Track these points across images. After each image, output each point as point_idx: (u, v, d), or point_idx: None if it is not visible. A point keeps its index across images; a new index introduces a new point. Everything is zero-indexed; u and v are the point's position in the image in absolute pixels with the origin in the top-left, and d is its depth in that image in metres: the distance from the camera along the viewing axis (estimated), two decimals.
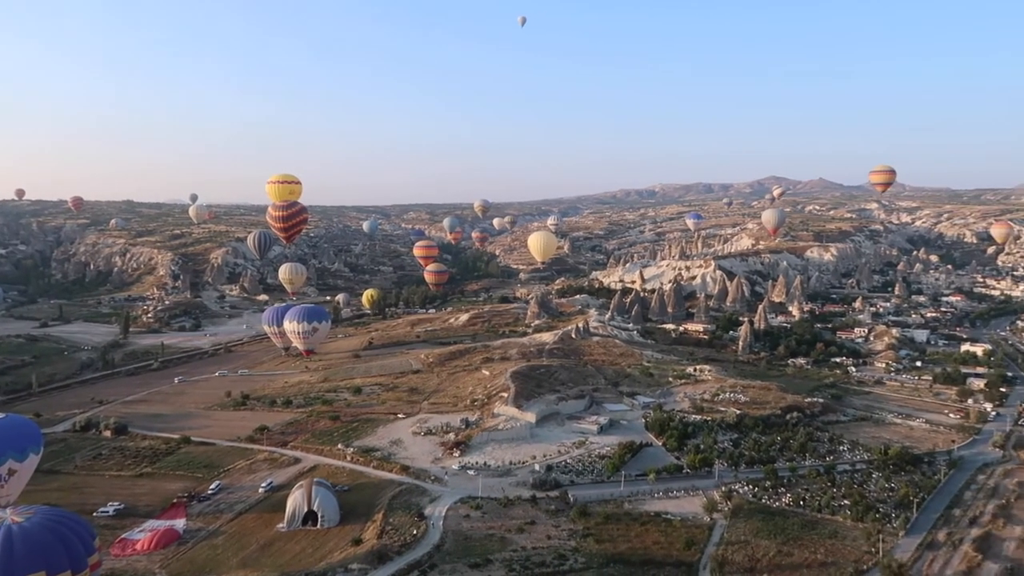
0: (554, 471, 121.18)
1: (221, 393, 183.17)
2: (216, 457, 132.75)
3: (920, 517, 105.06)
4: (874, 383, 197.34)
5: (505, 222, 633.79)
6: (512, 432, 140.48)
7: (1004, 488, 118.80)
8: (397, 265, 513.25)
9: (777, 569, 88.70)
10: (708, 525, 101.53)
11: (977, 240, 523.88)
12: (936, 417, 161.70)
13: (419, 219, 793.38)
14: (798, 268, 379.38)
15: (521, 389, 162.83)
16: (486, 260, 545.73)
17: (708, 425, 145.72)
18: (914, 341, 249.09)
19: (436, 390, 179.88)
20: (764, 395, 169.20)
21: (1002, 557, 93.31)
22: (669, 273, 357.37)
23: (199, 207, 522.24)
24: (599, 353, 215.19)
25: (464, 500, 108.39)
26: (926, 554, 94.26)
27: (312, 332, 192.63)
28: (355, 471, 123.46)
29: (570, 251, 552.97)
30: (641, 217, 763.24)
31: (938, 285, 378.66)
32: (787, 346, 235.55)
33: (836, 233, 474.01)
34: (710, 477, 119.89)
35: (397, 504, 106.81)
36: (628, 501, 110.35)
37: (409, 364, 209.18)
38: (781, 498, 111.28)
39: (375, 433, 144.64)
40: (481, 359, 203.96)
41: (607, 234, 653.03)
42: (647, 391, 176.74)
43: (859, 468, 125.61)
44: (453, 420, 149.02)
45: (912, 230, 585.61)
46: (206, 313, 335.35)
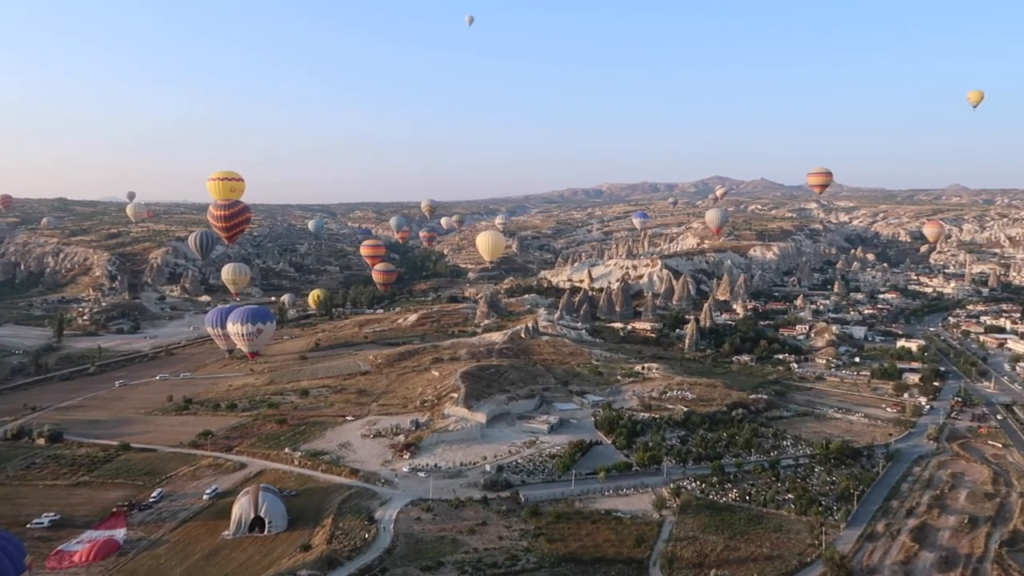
0: (505, 471, 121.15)
1: (162, 397, 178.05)
2: (157, 464, 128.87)
3: (860, 509, 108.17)
4: (815, 379, 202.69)
5: (453, 221, 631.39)
6: (463, 433, 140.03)
7: (938, 479, 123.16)
8: (344, 265, 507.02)
9: (725, 564, 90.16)
10: (657, 522, 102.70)
11: (911, 239, 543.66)
12: (874, 411, 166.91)
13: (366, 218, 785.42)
14: (742, 267, 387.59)
15: (471, 389, 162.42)
16: (434, 259, 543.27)
17: (656, 423, 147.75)
18: (852, 337, 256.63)
19: (385, 391, 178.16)
20: (710, 392, 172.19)
21: (937, 546, 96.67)
22: (617, 272, 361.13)
23: (137, 205, 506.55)
24: (549, 352, 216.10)
25: (415, 502, 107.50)
26: (866, 545, 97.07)
27: (257, 334, 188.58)
28: (303, 475, 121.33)
29: (518, 250, 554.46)
30: (589, 216, 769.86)
31: (875, 283, 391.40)
32: (732, 343, 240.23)
33: (778, 232, 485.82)
34: (659, 474, 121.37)
35: (347, 508, 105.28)
36: (579, 500, 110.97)
37: (357, 365, 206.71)
38: (728, 494, 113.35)
39: (323, 436, 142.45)
40: (431, 360, 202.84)
41: (555, 233, 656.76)
42: (596, 390, 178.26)
43: (802, 463, 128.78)
44: (403, 422, 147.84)
45: (850, 229, 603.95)
46: (145, 315, 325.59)
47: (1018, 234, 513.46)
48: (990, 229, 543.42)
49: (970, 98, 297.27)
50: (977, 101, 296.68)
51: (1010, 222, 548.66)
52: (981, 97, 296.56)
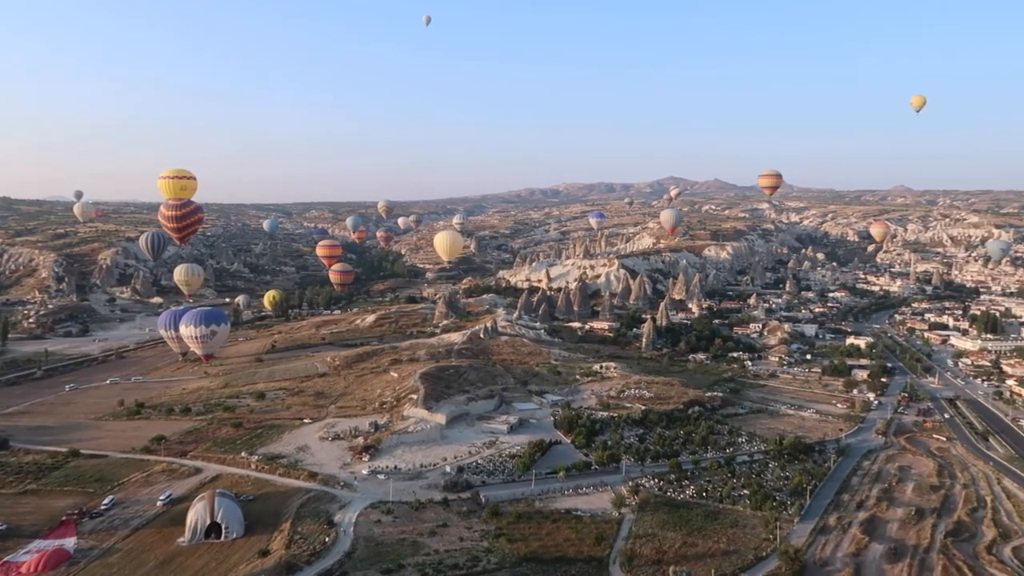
0: (465, 472, 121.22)
1: (113, 402, 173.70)
2: (109, 470, 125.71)
3: (813, 503, 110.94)
4: (768, 376, 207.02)
5: (410, 221, 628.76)
6: (422, 434, 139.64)
7: (887, 473, 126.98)
8: (300, 265, 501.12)
9: (683, 560, 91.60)
10: (617, 520, 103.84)
11: (858, 238, 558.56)
12: (825, 407, 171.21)
13: (322, 218, 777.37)
14: (697, 266, 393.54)
15: (430, 390, 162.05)
16: (392, 260, 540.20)
17: (615, 421, 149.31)
18: (804, 335, 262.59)
19: (343, 393, 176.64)
20: (667, 391, 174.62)
21: (886, 538, 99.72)
22: (574, 272, 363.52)
23: (85, 204, 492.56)
24: (508, 352, 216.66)
25: (375, 505, 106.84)
26: (819, 538, 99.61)
27: (211, 336, 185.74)
28: (260, 480, 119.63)
29: (476, 250, 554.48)
30: (546, 216, 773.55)
31: (825, 281, 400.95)
32: (688, 342, 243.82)
33: (731, 232, 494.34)
34: (618, 473, 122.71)
35: (305, 512, 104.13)
36: (539, 499, 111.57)
37: (315, 367, 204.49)
38: (685, 490, 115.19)
39: (280, 439, 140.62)
40: (389, 361, 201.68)
41: (513, 233, 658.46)
42: (555, 389, 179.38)
43: (757, 459, 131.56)
44: (362, 424, 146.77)
45: (800, 229, 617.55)
46: (95, 317, 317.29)
47: (959, 234, 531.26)
48: (933, 229, 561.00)
49: (913, 103, 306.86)
50: (920, 106, 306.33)
51: (952, 222, 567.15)
52: (923, 102, 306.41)
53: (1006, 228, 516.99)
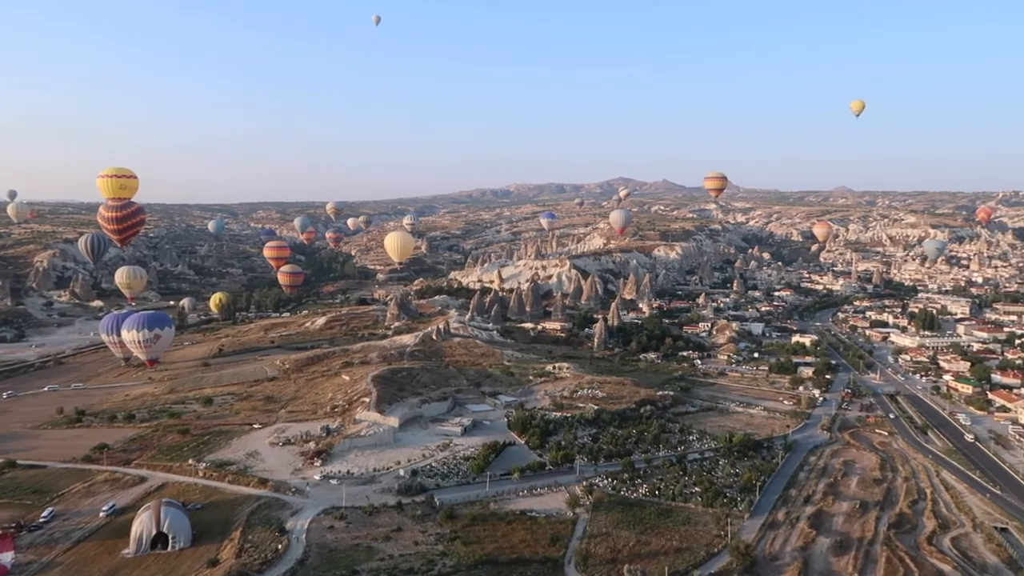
0: (419, 475, 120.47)
1: (52, 410, 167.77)
2: (48, 481, 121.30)
3: (762, 499, 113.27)
4: (718, 375, 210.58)
5: (360, 222, 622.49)
6: (375, 438, 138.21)
7: (832, 467, 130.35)
8: (247, 267, 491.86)
9: (637, 558, 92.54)
10: (571, 520, 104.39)
11: (802, 238, 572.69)
12: (773, 404, 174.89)
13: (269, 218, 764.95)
14: (647, 266, 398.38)
15: (383, 393, 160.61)
16: (342, 261, 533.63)
17: (568, 421, 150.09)
18: (751, 334, 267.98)
19: (294, 397, 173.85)
20: (619, 390, 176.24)
21: (832, 531, 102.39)
22: (526, 272, 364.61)
23: (19, 205, 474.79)
24: (460, 354, 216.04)
25: (327, 511, 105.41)
26: (768, 533, 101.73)
27: (154, 340, 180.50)
28: (208, 487, 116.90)
29: (428, 251, 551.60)
30: (497, 217, 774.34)
31: (770, 281, 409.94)
32: (639, 341, 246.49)
33: (680, 232, 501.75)
34: (572, 472, 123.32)
35: (256, 520, 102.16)
36: (494, 501, 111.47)
37: (264, 371, 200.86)
38: (638, 489, 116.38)
39: (229, 446, 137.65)
40: (340, 364, 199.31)
41: (464, 234, 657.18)
42: (509, 390, 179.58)
43: (707, 456, 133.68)
44: (313, 428, 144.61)
45: (747, 229, 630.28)
46: (31, 322, 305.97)
47: (898, 234, 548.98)
48: (873, 229, 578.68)
49: (853, 107, 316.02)
50: (859, 110, 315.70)
51: (891, 223, 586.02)
52: (863, 106, 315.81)
53: (941, 228, 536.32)
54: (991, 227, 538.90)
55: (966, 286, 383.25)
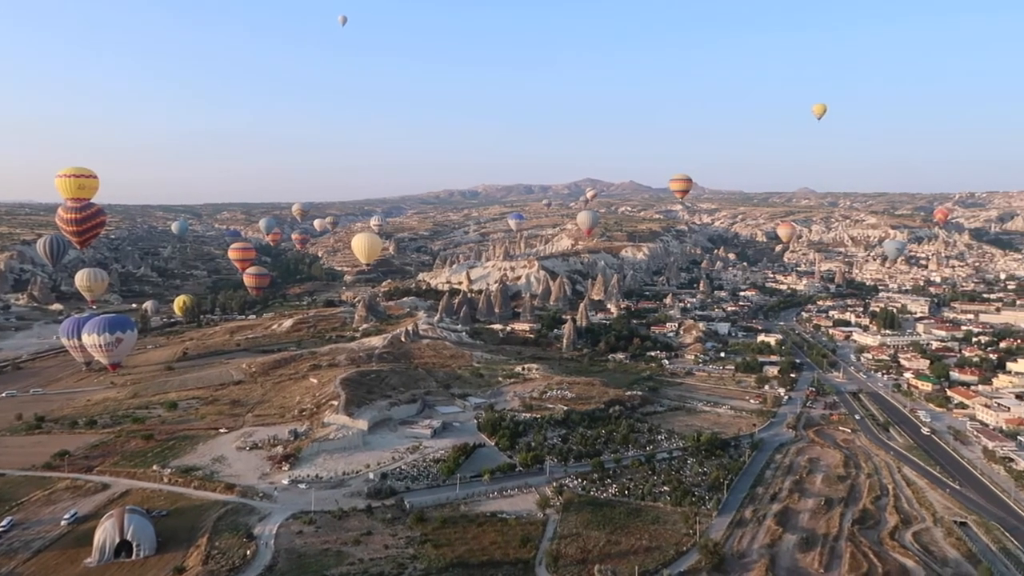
0: (389, 478, 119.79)
1: (10, 416, 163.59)
2: (7, 489, 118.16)
3: (730, 497, 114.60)
4: (685, 374, 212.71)
5: (326, 223, 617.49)
6: (344, 441, 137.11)
7: (797, 465, 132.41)
8: (212, 269, 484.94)
9: (607, 558, 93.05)
10: (542, 521, 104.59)
11: (767, 239, 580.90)
12: (739, 403, 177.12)
13: (234, 219, 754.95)
14: (614, 267, 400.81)
15: (352, 396, 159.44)
16: (308, 262, 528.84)
17: (538, 423, 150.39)
18: (718, 334, 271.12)
19: (261, 401, 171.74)
20: (588, 390, 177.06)
21: (798, 528, 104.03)
22: (495, 274, 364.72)
23: None
24: (429, 356, 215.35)
25: (296, 516, 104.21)
26: (736, 531, 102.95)
27: (116, 344, 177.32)
28: (174, 493, 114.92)
29: (396, 252, 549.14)
30: (465, 218, 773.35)
31: (736, 281, 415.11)
32: (607, 342, 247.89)
33: (647, 233, 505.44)
34: (542, 473, 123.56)
35: (223, 526, 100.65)
36: (464, 503, 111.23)
37: (230, 375, 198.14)
38: (608, 489, 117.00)
39: (195, 451, 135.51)
40: (308, 366, 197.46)
41: (432, 235, 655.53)
42: (478, 392, 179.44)
43: (676, 455, 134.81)
44: (281, 432, 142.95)
45: (712, 230, 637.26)
46: None
47: (859, 234, 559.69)
48: (835, 230, 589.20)
49: (815, 111, 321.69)
50: (821, 113, 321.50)
51: (852, 223, 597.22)
52: (824, 110, 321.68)
53: (901, 229, 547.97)
54: (948, 228, 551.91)
55: (925, 285, 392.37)
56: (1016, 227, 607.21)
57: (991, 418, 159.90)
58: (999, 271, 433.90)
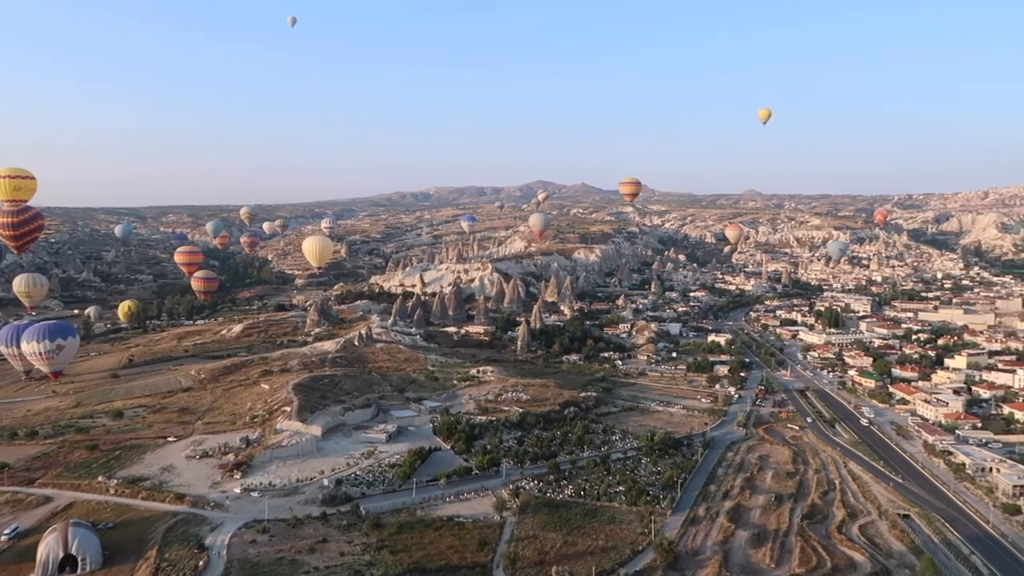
0: (344, 484, 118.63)
1: None
2: None
3: (684, 496, 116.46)
4: (638, 375, 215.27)
5: (276, 226, 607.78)
6: (297, 448, 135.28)
7: (748, 463, 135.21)
8: (158, 273, 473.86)
9: (564, 559, 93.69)
10: (499, 524, 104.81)
11: (715, 240, 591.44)
12: (691, 403, 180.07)
13: (180, 222, 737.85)
14: (567, 269, 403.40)
15: (304, 402, 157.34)
16: (258, 266, 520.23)
17: (493, 425, 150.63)
18: (669, 334, 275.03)
19: (211, 408, 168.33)
20: (543, 392, 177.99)
21: (750, 524, 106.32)
22: (449, 276, 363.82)
23: None
24: (383, 360, 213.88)
25: (249, 525, 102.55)
26: (690, 529, 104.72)
27: (57, 351, 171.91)
28: (121, 505, 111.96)
29: (347, 255, 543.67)
30: (418, 220, 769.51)
31: (686, 282, 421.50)
32: (561, 343, 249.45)
33: (599, 235, 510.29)
34: (498, 476, 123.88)
35: (173, 537, 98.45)
36: (421, 508, 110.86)
37: (178, 382, 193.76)
38: (564, 490, 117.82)
39: (142, 460, 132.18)
40: (259, 372, 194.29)
41: (385, 237, 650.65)
42: (433, 395, 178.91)
43: (630, 455, 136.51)
44: (232, 439, 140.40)
45: (663, 232, 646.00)
46: None
47: (804, 236, 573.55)
48: (781, 231, 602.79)
49: (760, 115, 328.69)
50: (766, 118, 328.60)
51: (797, 225, 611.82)
52: (769, 114, 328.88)
53: (843, 230, 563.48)
54: (888, 229, 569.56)
55: (867, 285, 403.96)
56: (951, 228, 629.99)
57: (931, 413, 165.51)
58: (936, 270, 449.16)
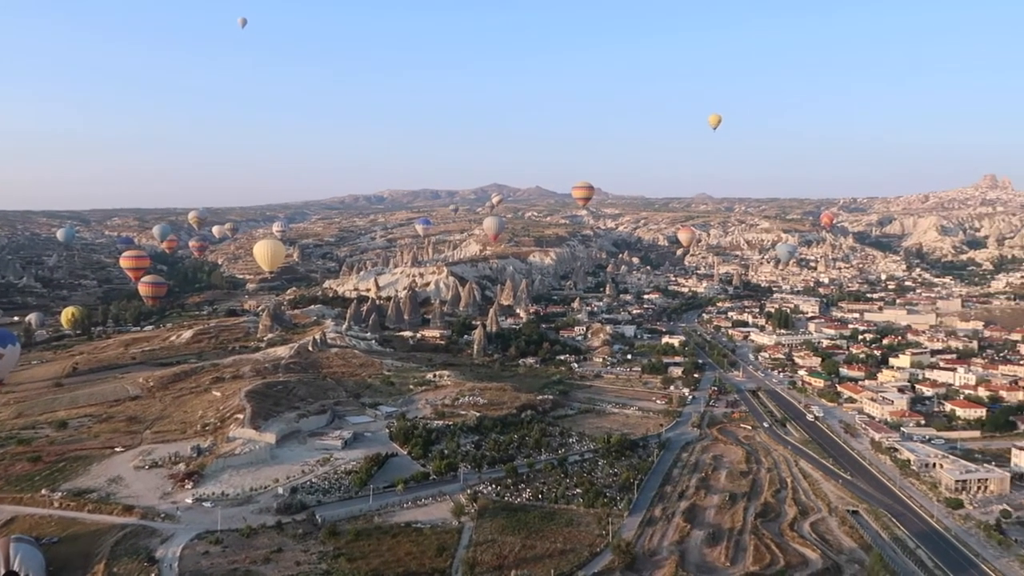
0: (299, 492, 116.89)
1: None
2: None
3: (640, 497, 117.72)
4: (594, 377, 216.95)
5: (226, 229, 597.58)
6: (251, 456, 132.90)
7: (703, 463, 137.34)
8: (103, 278, 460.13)
9: (523, 563, 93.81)
10: (457, 529, 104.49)
11: (668, 243, 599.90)
12: (646, 404, 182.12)
13: (126, 226, 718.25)
14: (523, 272, 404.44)
15: (258, 409, 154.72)
16: (208, 270, 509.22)
17: (450, 430, 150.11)
18: (624, 336, 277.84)
19: (160, 417, 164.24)
20: (500, 396, 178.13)
21: (705, 524, 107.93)
22: (404, 280, 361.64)
23: None
24: (338, 365, 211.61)
25: (201, 536, 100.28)
26: (647, 530, 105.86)
27: None
28: (66, 519, 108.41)
29: (300, 259, 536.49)
30: (372, 223, 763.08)
31: (640, 284, 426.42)
32: (517, 347, 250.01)
33: (554, 238, 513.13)
34: (456, 481, 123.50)
35: (121, 550, 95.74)
36: (378, 514, 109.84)
37: (126, 390, 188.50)
38: (522, 494, 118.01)
39: (88, 472, 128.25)
40: (211, 379, 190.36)
41: (338, 241, 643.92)
42: (389, 400, 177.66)
43: (587, 457, 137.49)
44: (183, 449, 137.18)
45: (617, 235, 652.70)
46: None
47: (754, 238, 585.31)
48: (732, 234, 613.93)
49: (710, 121, 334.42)
50: (716, 123, 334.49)
51: (747, 228, 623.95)
52: (719, 120, 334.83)
53: (792, 233, 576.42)
54: (834, 231, 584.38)
55: (815, 286, 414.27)
56: (894, 231, 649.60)
57: (877, 411, 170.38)
58: (880, 272, 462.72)
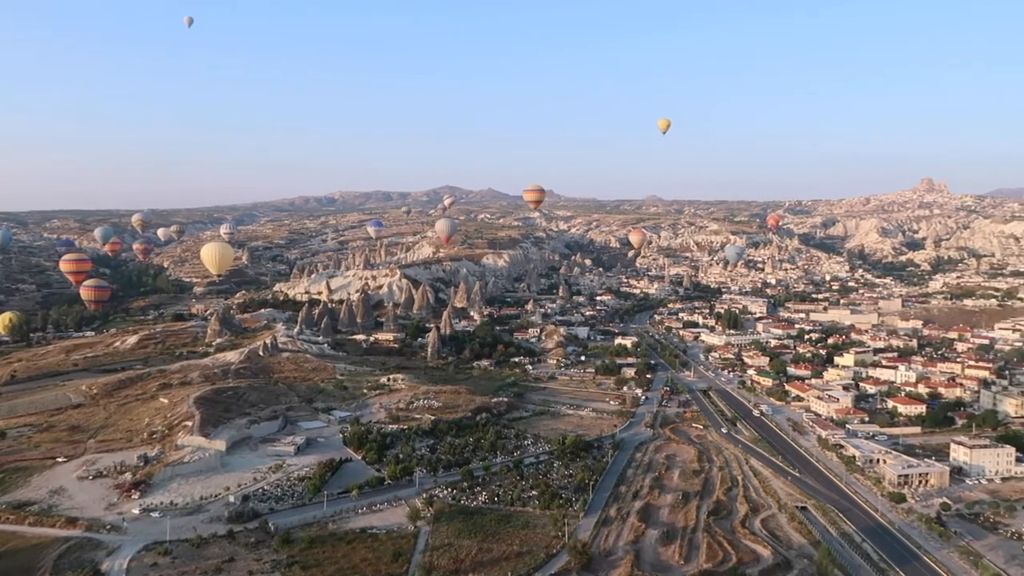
0: (251, 500, 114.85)
1: None
2: None
3: (595, 497, 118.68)
4: (548, 379, 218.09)
5: (172, 231, 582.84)
6: (200, 464, 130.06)
7: (656, 462, 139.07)
8: (42, 282, 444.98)
9: (480, 566, 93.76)
10: (413, 534, 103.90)
11: (620, 245, 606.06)
12: (600, 405, 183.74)
13: (66, 228, 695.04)
14: (476, 274, 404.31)
15: (207, 415, 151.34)
16: (153, 274, 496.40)
17: (405, 434, 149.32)
18: (578, 338, 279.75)
19: (105, 425, 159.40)
20: (455, 399, 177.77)
21: (659, 523, 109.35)
22: (356, 283, 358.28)
23: None
24: (290, 369, 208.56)
25: (150, 547, 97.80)
26: (603, 530, 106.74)
27: None
28: (5, 532, 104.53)
29: (249, 262, 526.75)
30: (323, 225, 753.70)
31: (593, 286, 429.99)
32: (472, 349, 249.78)
33: (507, 240, 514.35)
34: (411, 485, 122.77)
35: (65, 564, 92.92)
36: (332, 521, 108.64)
37: (67, 398, 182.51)
38: (478, 497, 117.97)
39: (28, 483, 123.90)
40: (157, 385, 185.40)
41: (288, 243, 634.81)
42: (343, 405, 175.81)
43: (543, 459, 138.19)
44: (129, 458, 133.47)
45: (569, 237, 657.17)
46: None
47: (703, 240, 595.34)
48: (682, 236, 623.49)
49: (660, 125, 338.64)
50: (665, 128, 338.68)
51: (697, 230, 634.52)
52: (668, 124, 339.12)
53: (740, 235, 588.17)
54: (780, 233, 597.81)
55: (762, 287, 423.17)
56: (837, 232, 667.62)
57: (823, 409, 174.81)
58: (824, 273, 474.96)
